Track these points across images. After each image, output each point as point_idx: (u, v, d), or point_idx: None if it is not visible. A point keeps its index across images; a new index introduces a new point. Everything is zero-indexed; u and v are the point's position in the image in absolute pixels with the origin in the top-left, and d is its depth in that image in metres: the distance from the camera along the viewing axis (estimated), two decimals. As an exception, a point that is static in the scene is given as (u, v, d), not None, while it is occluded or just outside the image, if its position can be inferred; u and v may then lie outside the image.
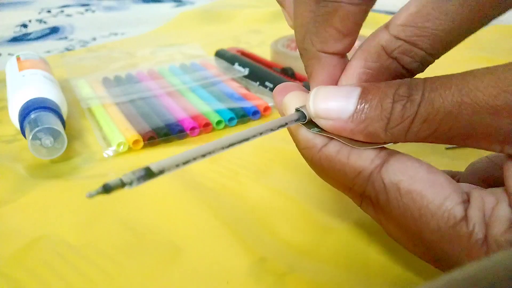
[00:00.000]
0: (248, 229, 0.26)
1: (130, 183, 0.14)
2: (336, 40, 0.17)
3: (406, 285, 0.22)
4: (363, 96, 0.16)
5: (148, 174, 0.14)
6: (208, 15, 0.76)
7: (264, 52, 0.53)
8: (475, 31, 0.17)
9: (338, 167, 0.17)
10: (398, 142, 0.17)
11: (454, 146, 0.33)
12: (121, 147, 0.34)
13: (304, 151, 0.19)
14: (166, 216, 0.27)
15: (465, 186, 0.16)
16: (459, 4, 0.15)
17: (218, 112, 0.39)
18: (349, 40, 0.18)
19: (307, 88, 0.20)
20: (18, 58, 0.43)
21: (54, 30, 0.72)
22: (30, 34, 0.70)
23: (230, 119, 0.38)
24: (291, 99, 0.20)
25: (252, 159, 0.33)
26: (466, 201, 0.15)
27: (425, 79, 0.16)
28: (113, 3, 0.91)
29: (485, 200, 0.15)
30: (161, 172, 0.15)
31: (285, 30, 0.51)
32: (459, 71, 0.16)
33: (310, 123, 0.18)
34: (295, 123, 0.18)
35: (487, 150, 0.16)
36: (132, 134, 0.35)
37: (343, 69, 0.18)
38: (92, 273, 0.23)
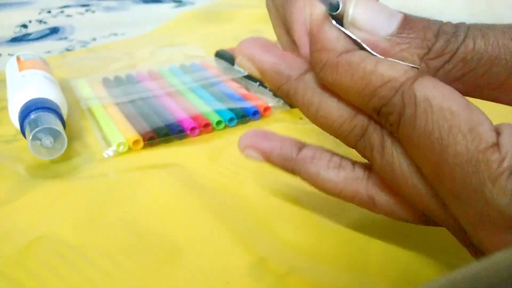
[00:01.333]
0: (248, 229, 0.26)
1: None
2: None
3: (406, 285, 0.22)
4: (406, 21, 0.16)
5: None
6: (208, 15, 0.76)
7: (264, 52, 0.53)
8: None
9: (359, 75, 0.16)
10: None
11: None
12: (121, 147, 0.34)
13: (320, 53, 0.17)
14: (166, 216, 0.27)
15: None
16: None
17: (218, 112, 0.39)
18: None
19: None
20: (18, 58, 0.43)
21: (54, 31, 0.72)
22: (30, 34, 0.70)
23: (230, 119, 0.38)
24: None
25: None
26: (498, 131, 0.15)
27: (470, 24, 0.16)
28: (113, 3, 0.91)
29: None
30: None
31: (285, 30, 0.51)
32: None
33: (336, 21, 0.17)
34: (323, 8, 0.16)
35: None
36: (132, 134, 0.35)
37: None
38: (92, 273, 0.23)
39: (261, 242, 0.25)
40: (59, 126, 0.32)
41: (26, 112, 0.33)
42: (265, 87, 0.44)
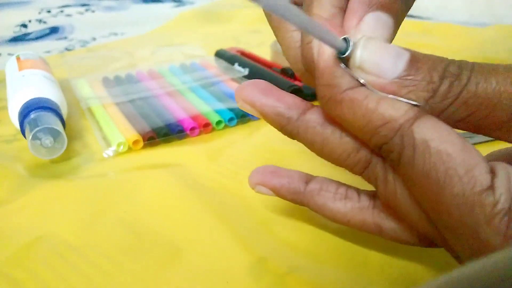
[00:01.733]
0: (248, 229, 0.26)
1: None
2: None
3: (406, 285, 0.22)
4: (413, 62, 0.16)
5: None
6: (208, 15, 0.76)
7: (264, 52, 0.53)
8: None
9: (361, 112, 0.16)
10: None
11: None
12: (121, 147, 0.34)
13: (325, 88, 0.17)
14: (166, 216, 0.27)
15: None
16: None
17: (218, 112, 0.39)
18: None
19: (307, 85, 0.20)
20: (18, 58, 0.43)
21: (54, 30, 0.72)
22: (30, 34, 0.70)
23: (230, 119, 0.38)
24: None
25: (252, 159, 0.33)
26: (493, 172, 0.15)
27: (474, 63, 0.16)
28: (113, 3, 0.91)
29: (511, 173, 0.15)
30: None
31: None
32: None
33: (343, 62, 0.17)
34: (333, 47, 0.17)
35: None
36: (132, 134, 0.35)
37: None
38: (92, 273, 0.23)
39: (261, 242, 0.25)
40: (59, 126, 0.32)
41: (26, 111, 0.33)
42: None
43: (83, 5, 0.89)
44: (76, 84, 0.45)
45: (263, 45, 0.59)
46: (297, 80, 0.44)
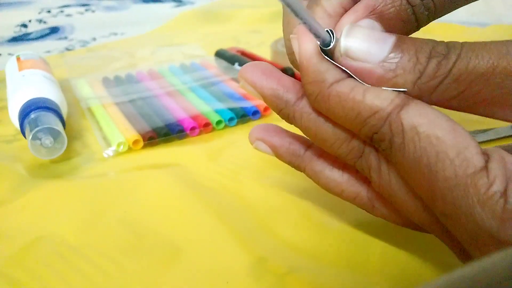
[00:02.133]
0: (248, 229, 0.26)
1: None
2: (321, 19, 0.18)
3: (406, 285, 0.22)
4: (398, 44, 0.16)
5: None
6: (208, 15, 0.76)
7: (264, 52, 0.53)
8: None
9: (349, 105, 0.16)
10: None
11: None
12: (121, 147, 0.34)
13: (311, 85, 0.17)
14: (166, 216, 0.27)
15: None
16: None
17: (218, 112, 0.39)
18: (333, 21, 0.18)
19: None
20: (18, 58, 0.43)
21: (54, 30, 0.72)
22: (30, 34, 0.70)
23: (230, 119, 0.38)
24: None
25: (252, 159, 0.33)
26: (486, 155, 0.15)
27: (464, 42, 0.16)
28: (113, 3, 0.91)
29: (506, 158, 0.15)
30: None
31: (285, 30, 0.51)
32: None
33: (327, 55, 0.17)
34: (317, 39, 0.17)
35: (509, 120, 0.16)
36: (132, 134, 0.35)
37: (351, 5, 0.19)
38: (92, 273, 0.23)
39: (261, 242, 0.25)
40: (59, 126, 0.32)
41: (26, 111, 0.33)
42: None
43: (83, 5, 0.89)
44: (76, 84, 0.45)
45: (263, 45, 0.59)
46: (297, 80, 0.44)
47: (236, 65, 0.48)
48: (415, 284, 0.22)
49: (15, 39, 0.67)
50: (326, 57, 0.17)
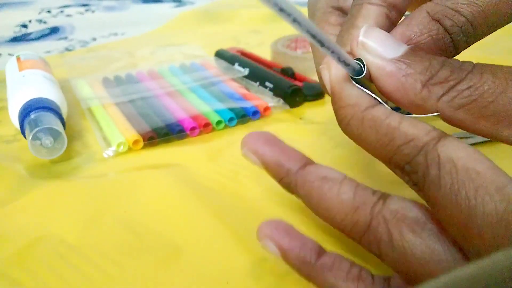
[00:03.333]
0: (248, 229, 0.26)
1: None
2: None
3: (406, 286, 0.22)
4: (413, 49, 0.17)
5: None
6: (208, 15, 0.76)
7: (264, 52, 0.53)
8: None
9: (384, 131, 0.16)
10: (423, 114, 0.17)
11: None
12: (121, 147, 0.34)
13: (345, 109, 0.17)
14: (166, 216, 0.27)
15: None
16: None
17: (218, 112, 0.39)
18: None
19: (307, 86, 0.20)
20: (18, 58, 0.43)
21: (54, 30, 0.72)
22: (30, 34, 0.70)
23: (230, 119, 0.38)
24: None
25: (252, 159, 0.33)
26: None
27: (477, 63, 0.16)
28: (113, 3, 0.91)
29: None
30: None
31: (285, 30, 0.51)
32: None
33: (358, 83, 0.17)
34: (348, 68, 0.17)
35: (510, 141, 0.16)
36: (132, 134, 0.35)
37: (386, 28, 0.19)
38: (92, 273, 0.23)
39: (261, 242, 0.25)
40: (59, 126, 0.32)
41: (26, 112, 0.33)
42: (265, 87, 0.44)
43: (83, 5, 0.89)
44: (76, 84, 0.45)
45: (263, 45, 0.59)
46: (297, 80, 0.44)
47: (236, 65, 0.48)
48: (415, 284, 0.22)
49: (15, 39, 0.67)
50: (357, 85, 0.17)
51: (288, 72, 0.45)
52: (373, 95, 0.17)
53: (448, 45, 0.17)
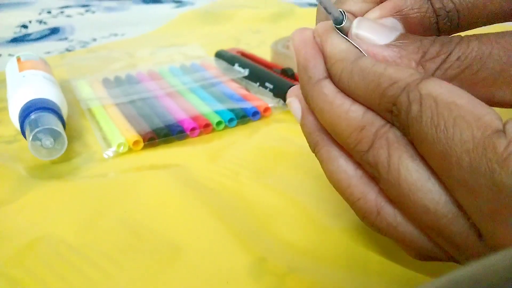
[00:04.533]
0: (248, 229, 0.26)
1: None
2: None
3: (406, 285, 0.22)
4: (404, 34, 0.18)
5: None
6: (208, 15, 0.76)
7: (264, 53, 0.53)
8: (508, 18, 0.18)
9: (371, 78, 0.17)
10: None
11: None
12: (121, 147, 0.34)
13: (335, 64, 0.18)
14: (166, 216, 0.27)
15: None
16: None
17: (218, 112, 0.39)
18: None
19: None
20: (18, 59, 0.43)
21: (54, 31, 0.72)
22: (30, 34, 0.70)
23: (230, 120, 0.38)
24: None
25: (252, 159, 0.33)
26: (503, 121, 0.15)
27: (465, 35, 0.17)
28: (113, 3, 0.91)
29: None
30: None
31: (285, 30, 0.51)
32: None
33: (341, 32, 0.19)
34: (331, 18, 0.19)
35: (508, 102, 0.17)
36: (132, 135, 0.35)
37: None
38: (92, 273, 0.23)
39: (261, 242, 0.25)
40: (59, 127, 0.33)
41: (26, 112, 0.33)
42: (265, 88, 0.44)
43: (84, 5, 0.89)
44: (77, 84, 0.45)
45: (263, 45, 0.59)
46: (297, 81, 0.44)
47: (236, 66, 0.48)
48: (415, 284, 0.22)
49: (15, 40, 0.67)
50: (342, 35, 0.19)
51: (288, 73, 0.45)
52: (354, 43, 0.18)
53: (433, 26, 0.18)
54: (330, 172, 0.20)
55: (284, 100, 0.41)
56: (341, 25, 0.19)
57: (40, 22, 0.77)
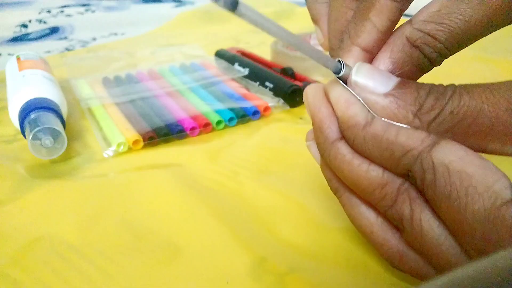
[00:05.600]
0: (248, 229, 0.26)
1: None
2: (370, 34, 0.19)
3: (406, 285, 0.22)
4: (402, 82, 0.18)
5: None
6: (208, 15, 0.76)
7: (264, 52, 0.53)
8: (490, 32, 0.18)
9: (384, 146, 0.18)
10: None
11: None
12: (121, 147, 0.34)
13: (347, 131, 0.19)
14: (166, 216, 0.27)
15: None
16: (474, 6, 0.18)
17: (218, 112, 0.39)
18: (381, 36, 0.19)
19: (307, 85, 0.20)
20: (18, 58, 0.43)
21: (54, 30, 0.72)
22: (30, 34, 0.70)
23: (230, 119, 0.38)
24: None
25: (252, 159, 0.33)
26: None
27: (459, 84, 0.18)
28: (113, 3, 0.91)
29: None
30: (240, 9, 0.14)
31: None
32: (460, 70, 0.16)
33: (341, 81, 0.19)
34: (331, 68, 0.19)
35: (500, 153, 0.17)
36: (132, 134, 0.35)
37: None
38: (92, 273, 0.23)
39: (261, 242, 0.25)
40: (59, 126, 0.32)
41: (26, 112, 0.33)
42: (265, 87, 0.44)
43: (83, 5, 0.89)
44: (76, 84, 0.45)
45: (263, 45, 0.59)
46: (296, 80, 0.44)
47: (236, 65, 0.48)
48: (415, 284, 0.22)
49: (15, 39, 0.67)
50: (344, 85, 0.19)
51: (288, 72, 0.45)
52: (355, 94, 0.19)
53: (426, 64, 0.19)
54: (352, 217, 0.21)
55: (284, 99, 0.41)
56: (340, 75, 0.19)
57: (40, 21, 0.77)
